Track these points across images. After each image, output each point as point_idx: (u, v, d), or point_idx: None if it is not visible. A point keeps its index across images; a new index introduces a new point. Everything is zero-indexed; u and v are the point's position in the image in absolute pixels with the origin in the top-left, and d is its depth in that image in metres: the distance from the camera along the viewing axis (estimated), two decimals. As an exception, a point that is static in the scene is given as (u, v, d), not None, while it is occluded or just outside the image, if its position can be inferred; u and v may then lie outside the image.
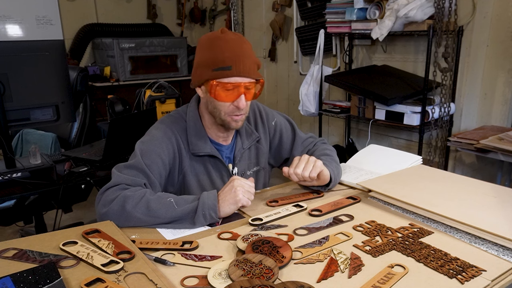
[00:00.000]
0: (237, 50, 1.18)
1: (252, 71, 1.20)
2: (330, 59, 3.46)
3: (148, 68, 4.61)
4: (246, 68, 1.18)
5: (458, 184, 1.28)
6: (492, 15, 2.37)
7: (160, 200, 1.09)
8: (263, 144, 1.43)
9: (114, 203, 1.08)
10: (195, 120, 1.30)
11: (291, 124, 1.48)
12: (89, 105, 2.65)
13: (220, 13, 4.87)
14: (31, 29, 1.83)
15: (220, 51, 1.17)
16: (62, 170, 1.83)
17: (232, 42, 1.19)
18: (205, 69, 1.19)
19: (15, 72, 1.60)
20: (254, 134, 1.40)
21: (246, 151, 1.39)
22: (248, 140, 1.38)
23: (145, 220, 1.07)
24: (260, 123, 1.43)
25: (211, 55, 1.19)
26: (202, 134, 1.30)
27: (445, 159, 2.65)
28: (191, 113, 1.32)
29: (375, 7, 2.60)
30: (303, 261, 0.90)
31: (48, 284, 0.78)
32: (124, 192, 1.10)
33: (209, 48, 1.20)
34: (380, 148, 1.62)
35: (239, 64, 1.17)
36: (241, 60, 1.17)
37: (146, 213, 1.07)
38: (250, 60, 1.20)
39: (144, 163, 1.19)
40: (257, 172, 1.43)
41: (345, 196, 1.27)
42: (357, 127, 3.35)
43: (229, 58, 1.16)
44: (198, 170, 1.31)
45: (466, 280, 0.82)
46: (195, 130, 1.30)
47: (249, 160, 1.40)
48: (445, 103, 2.51)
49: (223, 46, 1.18)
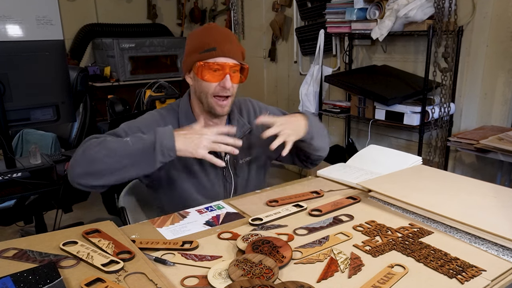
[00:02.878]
0: (222, 35, 1.27)
1: (236, 54, 1.27)
2: (330, 59, 3.46)
3: (148, 68, 4.61)
4: (231, 50, 1.25)
5: (458, 184, 1.28)
6: (492, 15, 2.37)
7: (118, 140, 1.15)
8: (255, 135, 1.43)
9: (79, 151, 1.15)
10: (186, 110, 1.36)
11: (283, 112, 1.52)
12: (89, 105, 2.65)
13: (220, 13, 4.87)
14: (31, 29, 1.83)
15: (206, 36, 1.27)
16: (62, 170, 1.83)
17: (217, 29, 1.29)
18: (192, 55, 1.27)
19: (15, 72, 1.60)
20: (245, 125, 1.42)
21: None
22: (240, 131, 1.40)
23: (105, 162, 1.10)
24: (252, 115, 1.45)
25: (197, 42, 1.27)
26: (192, 121, 1.32)
27: (445, 159, 2.65)
28: (183, 104, 1.38)
29: (375, 7, 2.60)
30: (303, 261, 0.90)
31: (48, 284, 0.78)
32: (88, 141, 1.17)
33: (196, 36, 1.29)
34: (380, 148, 1.62)
35: (224, 45, 1.24)
36: (225, 42, 1.25)
37: (105, 153, 1.11)
38: (234, 45, 1.27)
39: (123, 129, 1.25)
40: (250, 162, 1.44)
41: (345, 196, 1.27)
42: (357, 127, 3.35)
43: (214, 40, 1.24)
44: (189, 157, 1.29)
45: (466, 280, 0.82)
46: (186, 117, 1.34)
47: (241, 150, 1.38)
48: (445, 103, 2.51)
49: (209, 32, 1.27)
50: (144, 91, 3.17)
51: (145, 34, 4.91)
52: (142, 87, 3.27)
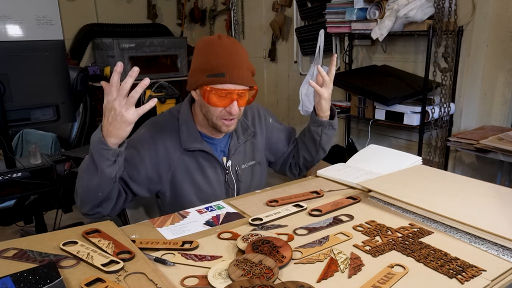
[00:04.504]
0: (231, 57, 1.20)
1: (245, 78, 1.22)
2: (330, 59, 3.45)
3: (148, 68, 4.60)
4: (239, 76, 1.20)
5: (458, 184, 1.28)
6: (492, 15, 2.37)
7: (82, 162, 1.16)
8: (259, 139, 1.45)
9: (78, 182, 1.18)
10: (187, 119, 1.33)
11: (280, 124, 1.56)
12: (89, 105, 2.65)
13: (220, 13, 4.87)
14: (31, 29, 1.83)
15: (215, 57, 1.19)
16: (62, 170, 1.83)
17: (227, 49, 1.21)
18: (200, 74, 1.22)
19: (15, 72, 1.60)
20: (249, 128, 1.42)
21: (242, 146, 1.41)
22: (243, 135, 1.41)
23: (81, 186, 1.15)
24: (257, 119, 1.46)
25: (205, 61, 1.21)
26: (193, 131, 1.33)
27: (445, 159, 2.65)
28: (183, 112, 1.35)
29: (375, 7, 2.60)
30: (303, 261, 0.90)
31: (48, 284, 0.78)
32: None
33: (204, 53, 1.23)
34: (380, 148, 1.63)
35: (233, 71, 1.19)
36: (235, 67, 1.19)
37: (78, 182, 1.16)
38: (244, 67, 1.22)
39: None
40: (253, 166, 1.44)
41: (345, 196, 1.27)
42: (357, 127, 3.35)
43: (223, 65, 1.18)
44: (190, 166, 1.32)
45: (466, 280, 0.82)
46: (186, 125, 1.32)
47: (244, 155, 1.41)
48: (445, 103, 2.51)
49: (218, 52, 1.20)
50: (144, 91, 3.17)
51: (145, 34, 4.91)
52: (142, 87, 3.26)
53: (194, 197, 1.32)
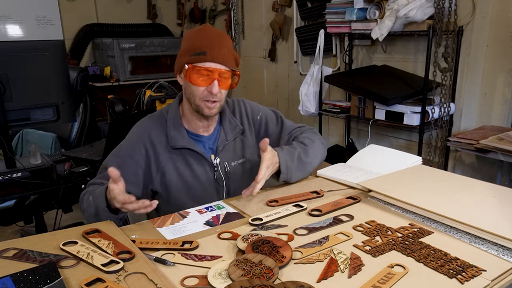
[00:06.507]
0: (214, 39, 1.25)
1: (227, 59, 1.26)
2: (330, 59, 3.46)
3: (148, 68, 4.61)
4: (220, 55, 1.24)
5: (458, 184, 1.28)
6: (492, 15, 2.37)
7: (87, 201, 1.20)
8: (248, 137, 1.45)
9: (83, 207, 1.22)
10: (174, 114, 1.36)
11: (277, 115, 1.51)
12: (89, 105, 2.65)
13: (220, 13, 4.87)
14: (31, 29, 1.83)
15: (199, 39, 1.25)
16: (62, 170, 1.83)
17: (212, 32, 1.28)
18: (184, 56, 1.26)
19: (15, 72, 1.60)
20: (238, 126, 1.42)
21: (231, 143, 1.41)
22: (232, 132, 1.41)
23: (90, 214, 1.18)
24: (245, 117, 1.46)
25: (190, 43, 1.26)
26: (179, 128, 1.34)
27: (445, 159, 2.65)
28: (172, 111, 1.37)
29: (375, 7, 2.60)
30: (303, 261, 0.90)
31: (48, 284, 0.78)
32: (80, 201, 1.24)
33: (189, 38, 1.28)
34: (380, 148, 1.62)
35: (214, 50, 1.23)
36: (216, 46, 1.24)
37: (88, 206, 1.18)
38: (226, 49, 1.26)
39: (115, 162, 1.27)
40: (243, 164, 1.43)
41: (345, 196, 1.27)
42: (357, 127, 3.35)
43: (205, 44, 1.24)
44: (178, 163, 1.33)
45: (466, 280, 0.82)
46: (173, 123, 1.34)
47: (234, 152, 1.41)
48: (445, 103, 2.51)
49: (202, 35, 1.26)
50: (144, 91, 3.17)
51: (145, 34, 4.91)
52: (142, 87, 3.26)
53: (184, 195, 1.33)
